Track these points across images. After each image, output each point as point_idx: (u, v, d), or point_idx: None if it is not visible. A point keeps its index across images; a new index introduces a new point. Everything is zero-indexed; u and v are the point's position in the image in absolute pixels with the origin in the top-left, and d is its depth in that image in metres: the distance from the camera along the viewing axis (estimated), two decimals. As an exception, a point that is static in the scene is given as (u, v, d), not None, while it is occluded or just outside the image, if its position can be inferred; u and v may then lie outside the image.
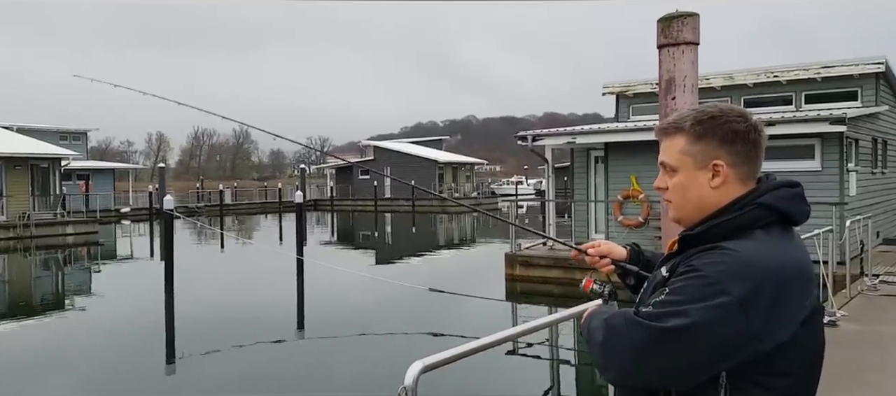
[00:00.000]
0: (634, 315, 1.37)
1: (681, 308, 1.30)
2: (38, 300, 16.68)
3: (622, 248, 1.88)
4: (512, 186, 67.26)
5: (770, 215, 1.41)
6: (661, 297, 1.36)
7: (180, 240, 20.29)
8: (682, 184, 1.49)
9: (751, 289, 1.29)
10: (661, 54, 4.12)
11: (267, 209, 51.42)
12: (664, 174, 1.54)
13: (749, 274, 1.30)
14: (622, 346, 1.37)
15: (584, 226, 16.76)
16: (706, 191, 1.46)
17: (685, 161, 1.48)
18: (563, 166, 28.99)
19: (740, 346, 1.30)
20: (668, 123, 1.53)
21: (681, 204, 1.51)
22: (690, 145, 1.47)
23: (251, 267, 20.40)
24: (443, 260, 23.50)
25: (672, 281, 1.38)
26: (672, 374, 1.34)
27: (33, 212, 28.93)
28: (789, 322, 1.33)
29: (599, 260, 1.87)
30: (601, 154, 16.52)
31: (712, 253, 1.35)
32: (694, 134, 1.46)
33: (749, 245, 1.36)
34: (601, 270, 1.90)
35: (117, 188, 46.92)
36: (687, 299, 1.30)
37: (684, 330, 1.29)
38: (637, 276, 1.81)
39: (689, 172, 1.47)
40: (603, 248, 1.88)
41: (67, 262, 23.90)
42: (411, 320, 12.48)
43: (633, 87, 19.00)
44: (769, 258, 1.34)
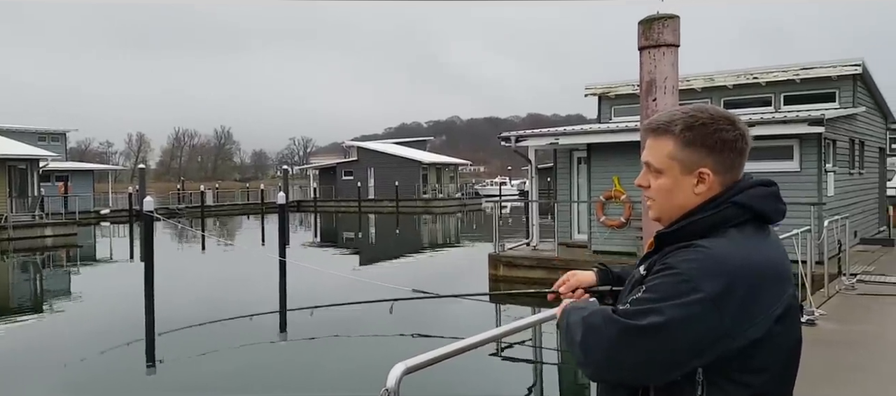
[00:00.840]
0: (612, 312, 1.39)
1: (655, 305, 1.32)
2: (15, 303, 16.42)
3: (591, 274, 1.85)
4: (496, 187, 67.47)
5: (744, 213, 1.43)
6: (637, 295, 1.38)
7: (161, 242, 20.07)
8: (667, 187, 1.49)
9: (723, 287, 1.31)
10: (643, 56, 4.15)
11: (249, 210, 51.05)
12: (647, 173, 1.54)
13: (722, 272, 1.32)
14: (599, 343, 1.38)
15: (567, 227, 16.84)
16: (690, 196, 1.47)
17: (672, 165, 1.48)
18: (546, 167, 29.11)
19: (712, 343, 1.31)
20: (657, 123, 1.52)
21: (664, 206, 1.52)
22: (679, 150, 1.47)
23: (233, 269, 20.23)
24: (427, 260, 23.48)
25: (648, 279, 1.40)
26: (646, 370, 1.35)
27: (11, 214, 28.49)
28: (762, 318, 1.35)
29: (573, 293, 1.85)
30: (584, 155, 16.61)
31: (686, 251, 1.38)
32: (683, 139, 1.46)
33: (722, 243, 1.38)
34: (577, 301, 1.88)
35: (97, 189, 46.30)
36: (661, 296, 1.33)
37: (659, 327, 1.31)
38: (613, 294, 1.80)
39: (674, 177, 1.48)
40: (572, 282, 1.85)
41: (46, 265, 23.56)
42: (394, 321, 12.43)
43: (615, 89, 19.12)
44: (742, 256, 1.35)
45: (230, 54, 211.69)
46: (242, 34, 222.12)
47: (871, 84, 17.75)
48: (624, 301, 1.44)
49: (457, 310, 13.09)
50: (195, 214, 44.27)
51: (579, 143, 16.50)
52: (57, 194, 37.74)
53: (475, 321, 11.85)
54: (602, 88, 19.46)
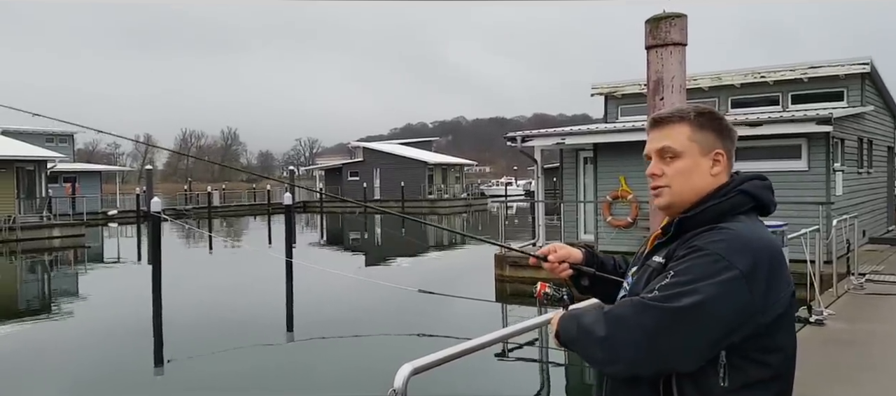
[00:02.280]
0: (641, 300, 1.39)
1: (690, 286, 1.35)
2: (24, 304, 16.51)
3: (578, 251, 1.89)
4: (501, 187, 67.44)
5: (749, 201, 1.52)
6: (666, 281, 1.39)
7: (168, 243, 20.15)
8: (688, 168, 1.54)
9: (752, 264, 1.37)
10: (650, 55, 4.13)
11: (256, 211, 51.17)
12: (659, 161, 1.57)
13: (749, 250, 1.38)
14: (632, 334, 1.37)
15: (574, 227, 16.80)
16: (707, 178, 1.54)
17: (691, 147, 1.55)
18: (552, 167, 29.06)
19: (747, 319, 1.36)
20: (668, 112, 1.60)
21: (681, 189, 1.55)
22: (695, 132, 1.55)
23: (240, 270, 20.29)
24: (432, 261, 23.48)
25: (675, 264, 1.42)
26: (685, 354, 1.36)
27: (19, 215, 28.64)
28: (783, 295, 1.42)
29: (559, 265, 1.86)
30: (590, 155, 16.57)
31: (712, 233, 1.43)
32: (698, 123, 1.56)
33: (740, 225, 1.46)
34: (559, 275, 1.89)
35: (104, 190, 46.49)
36: (696, 277, 1.36)
37: (698, 306, 1.33)
38: (592, 278, 1.84)
39: (694, 158, 1.54)
40: (561, 253, 1.86)
41: (54, 266, 23.68)
42: (401, 322, 12.45)
43: (622, 88, 19.08)
44: (761, 236, 1.45)
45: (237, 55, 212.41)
46: (249, 35, 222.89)
47: (880, 83, 17.65)
48: (649, 289, 1.42)
49: (462, 310, 13.08)
50: (202, 215, 44.42)
51: (586, 143, 16.46)
52: (64, 195, 37.93)
53: (481, 321, 11.84)
54: (608, 88, 19.41)
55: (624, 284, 1.71)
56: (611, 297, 1.82)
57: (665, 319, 1.34)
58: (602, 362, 1.44)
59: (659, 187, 1.58)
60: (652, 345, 1.35)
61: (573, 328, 1.50)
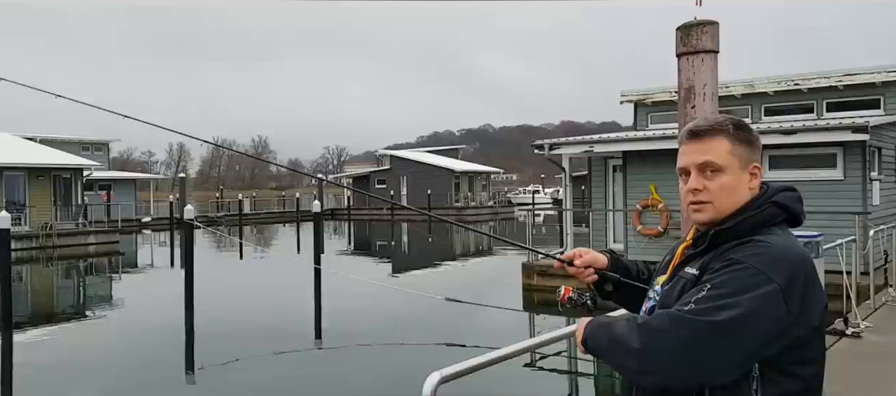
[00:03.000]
0: (678, 312, 1.38)
1: (730, 300, 1.34)
2: (59, 309, 16.90)
3: (603, 257, 1.90)
4: (529, 195, 67.17)
5: (782, 213, 1.53)
6: (702, 293, 1.38)
7: (200, 250, 20.48)
8: (731, 185, 1.53)
9: (789, 277, 1.37)
10: (681, 62, 4.10)
11: (285, 218, 51.74)
12: (700, 176, 1.54)
13: (786, 264, 1.39)
14: (670, 346, 1.36)
15: (602, 236, 16.65)
16: (745, 192, 1.54)
17: (733, 162, 1.53)
18: (580, 175, 28.85)
19: (781, 333, 1.36)
20: (706, 125, 1.57)
21: (725, 205, 1.53)
22: (736, 147, 1.53)
23: (269, 276, 20.51)
24: (459, 269, 23.46)
25: (711, 276, 1.41)
26: (723, 367, 1.35)
27: (55, 222, 29.34)
28: (818, 307, 1.42)
29: (584, 270, 1.87)
30: (619, 163, 16.42)
31: (748, 246, 1.43)
32: (737, 137, 1.54)
33: (776, 238, 1.46)
34: (584, 280, 1.90)
35: (138, 198, 47.46)
36: (734, 291, 1.35)
37: (736, 320, 1.32)
38: (616, 284, 1.86)
39: (736, 173, 1.53)
40: (587, 258, 1.88)
41: (89, 272, 24.20)
42: (428, 330, 12.46)
43: (652, 96, 18.89)
44: (797, 249, 1.45)
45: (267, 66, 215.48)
46: (278, 46, 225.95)
47: (918, 89, 17.21)
48: (684, 301, 1.40)
49: (490, 319, 13.04)
50: (233, 222, 45.06)
51: (615, 151, 16.32)
52: (100, 202, 38.82)
53: (508, 330, 11.79)
54: (638, 95, 19.24)
55: (649, 293, 1.69)
56: (634, 303, 1.83)
57: (703, 332, 1.33)
58: (636, 373, 1.43)
59: (701, 203, 1.55)
60: (688, 358, 1.34)
61: (603, 336, 1.49)
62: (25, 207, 28.91)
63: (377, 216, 51.79)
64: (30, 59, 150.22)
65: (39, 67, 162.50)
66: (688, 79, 4.00)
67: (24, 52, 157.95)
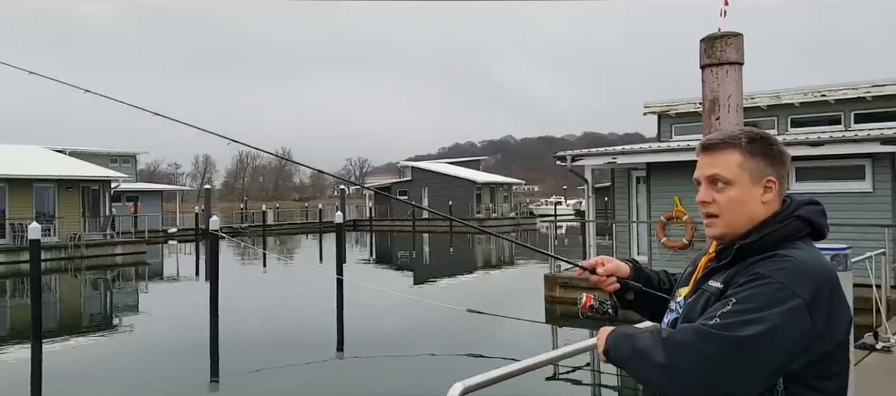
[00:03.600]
0: (704, 327, 1.37)
1: (755, 315, 1.33)
2: (87, 318, 17.18)
3: (626, 265, 1.90)
4: (551, 206, 66.88)
5: (806, 227, 1.52)
6: (727, 308, 1.37)
7: (225, 260, 20.72)
8: (740, 198, 1.53)
9: (814, 292, 1.36)
10: (705, 74, 4.08)
11: (308, 229, 52.10)
12: (709, 188, 1.56)
13: (811, 278, 1.38)
14: (694, 361, 1.35)
15: (626, 248, 16.53)
16: (758, 206, 1.53)
17: (742, 175, 1.53)
18: (603, 186, 28.65)
19: (807, 347, 1.36)
20: (719, 138, 1.58)
21: (734, 218, 1.54)
22: (746, 160, 1.53)
23: (292, 287, 20.66)
24: (481, 280, 23.41)
25: (736, 291, 1.41)
26: (748, 382, 1.35)
27: (84, 233, 29.84)
28: (843, 321, 1.42)
29: (606, 278, 1.88)
30: (643, 174, 16.31)
31: (773, 261, 1.42)
32: (749, 150, 1.53)
33: (800, 252, 1.45)
34: (606, 288, 1.91)
35: (165, 209, 48.13)
36: (759, 306, 1.34)
37: (762, 335, 1.32)
38: (637, 293, 1.86)
39: (745, 187, 1.53)
40: (609, 266, 1.89)
41: (116, 282, 24.57)
42: (450, 341, 12.44)
43: (676, 107, 18.75)
44: (821, 263, 1.45)
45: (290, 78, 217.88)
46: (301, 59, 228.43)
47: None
48: (709, 315, 1.40)
49: (512, 331, 12.99)
50: (257, 233, 45.50)
51: (638, 162, 16.21)
52: (127, 214, 39.44)
53: (531, 342, 11.74)
54: (661, 106, 19.12)
55: (671, 304, 1.69)
56: (655, 313, 1.84)
57: (728, 347, 1.33)
58: (659, 386, 1.43)
59: (710, 216, 1.57)
60: (713, 373, 1.34)
61: (626, 348, 1.49)
62: (55, 218, 29.46)
63: (399, 227, 51.94)
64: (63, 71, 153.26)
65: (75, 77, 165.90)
66: (712, 90, 3.98)
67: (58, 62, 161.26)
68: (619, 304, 1.91)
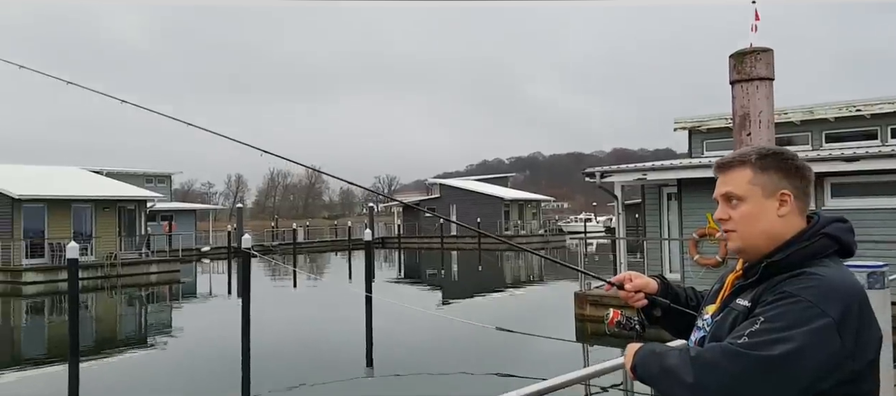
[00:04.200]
0: (731, 346, 1.37)
1: (783, 334, 1.32)
2: (122, 336, 17.50)
3: (653, 281, 1.90)
4: (580, 223, 66.35)
5: (833, 245, 1.51)
6: (755, 327, 1.37)
7: (256, 278, 20.96)
8: (752, 213, 1.54)
9: (843, 310, 1.35)
10: (735, 90, 4.04)
11: (337, 247, 52.47)
12: (725, 206, 1.60)
13: (840, 296, 1.37)
14: (722, 381, 1.35)
15: (658, 265, 16.30)
16: (774, 219, 1.53)
17: (754, 191, 1.55)
18: (633, 203, 28.35)
19: (836, 367, 1.34)
20: (729, 157, 1.62)
21: (749, 233, 1.55)
22: (757, 175, 1.55)
23: (322, 304, 20.79)
24: (510, 298, 23.28)
25: (763, 309, 1.40)
26: None
27: (120, 252, 30.46)
28: (874, 341, 1.40)
29: (634, 294, 1.89)
30: (674, 190, 16.12)
31: (801, 278, 1.41)
32: (759, 166, 1.55)
33: (828, 270, 1.44)
34: (634, 304, 1.91)
35: (198, 228, 48.92)
36: (788, 324, 1.33)
37: (791, 355, 1.31)
38: (665, 309, 1.85)
39: (757, 202, 1.54)
40: (637, 282, 1.89)
41: (150, 300, 25.01)
42: (479, 359, 12.38)
43: (707, 122, 18.54)
44: (850, 281, 1.43)
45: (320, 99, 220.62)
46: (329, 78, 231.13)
47: None
48: (737, 334, 1.39)
49: (542, 350, 12.88)
50: (288, 251, 45.96)
51: (669, 179, 16.04)
52: (162, 233, 40.19)
53: (561, 361, 11.62)
54: (692, 122, 18.92)
55: (698, 322, 1.69)
56: (682, 330, 1.84)
57: (756, 367, 1.32)
58: None
59: (728, 232, 1.60)
60: (741, 393, 1.33)
61: (654, 366, 1.49)
62: (92, 238, 30.14)
63: (427, 244, 52.01)
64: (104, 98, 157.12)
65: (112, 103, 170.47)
66: (742, 106, 3.94)
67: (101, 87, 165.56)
68: (646, 321, 1.91)
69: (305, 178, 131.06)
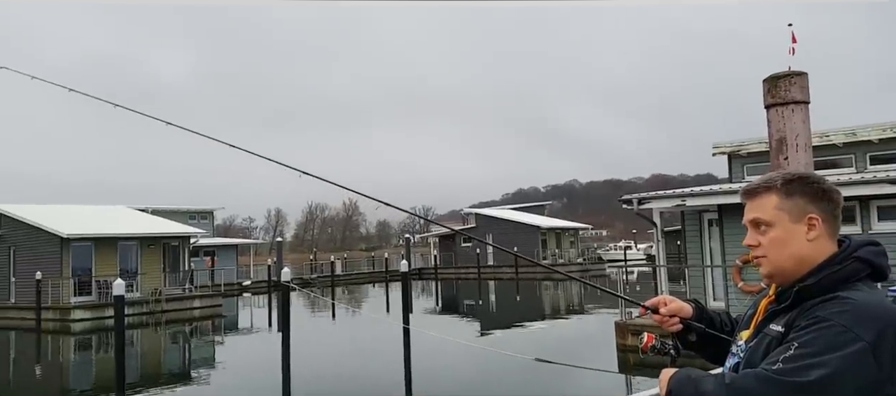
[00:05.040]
0: (765, 372, 1.37)
1: (818, 359, 1.32)
2: (167, 371, 17.79)
3: (688, 306, 1.90)
4: (620, 251, 65.38)
5: (866, 268, 1.50)
6: (789, 353, 1.37)
7: (296, 311, 21.13)
8: (781, 238, 1.55)
9: (877, 334, 1.33)
10: (770, 114, 3.99)
11: (374, 278, 52.68)
12: (754, 232, 1.61)
13: (874, 320, 1.36)
14: None
15: (701, 293, 15.94)
16: (803, 244, 1.53)
17: (781, 216, 1.55)
18: (673, 230, 27.87)
19: (872, 392, 1.32)
20: (755, 183, 1.63)
21: (778, 258, 1.56)
22: (784, 201, 1.55)
23: (361, 336, 20.83)
24: (549, 328, 22.98)
25: (797, 335, 1.40)
26: None
27: (164, 288, 31.10)
28: None
29: (669, 319, 1.88)
30: (715, 216, 15.83)
31: (834, 303, 1.41)
32: (785, 191, 1.56)
33: (861, 294, 1.43)
34: (669, 329, 1.90)
35: (239, 262, 49.74)
36: (821, 349, 1.33)
37: (826, 380, 1.30)
38: (700, 334, 1.85)
39: (785, 226, 1.54)
40: (672, 307, 1.89)
41: (194, 335, 25.41)
42: (518, 391, 12.22)
43: (747, 147, 18.22)
44: (884, 305, 1.41)
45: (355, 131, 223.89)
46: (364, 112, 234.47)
47: None
48: (771, 360, 1.39)
49: (582, 381, 12.65)
50: (326, 283, 46.32)
51: (709, 205, 15.76)
52: (205, 268, 40.96)
53: (602, 393, 11.39)
54: (731, 146, 18.62)
55: (733, 348, 1.69)
56: (717, 355, 1.83)
57: (791, 393, 1.32)
58: None
59: (758, 258, 1.60)
60: None
61: (690, 392, 1.49)
62: (137, 274, 30.87)
63: (464, 274, 51.84)
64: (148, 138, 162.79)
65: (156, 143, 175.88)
66: (778, 130, 3.88)
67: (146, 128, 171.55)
68: (681, 345, 1.90)
69: (342, 211, 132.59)
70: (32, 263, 29.09)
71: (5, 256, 31.25)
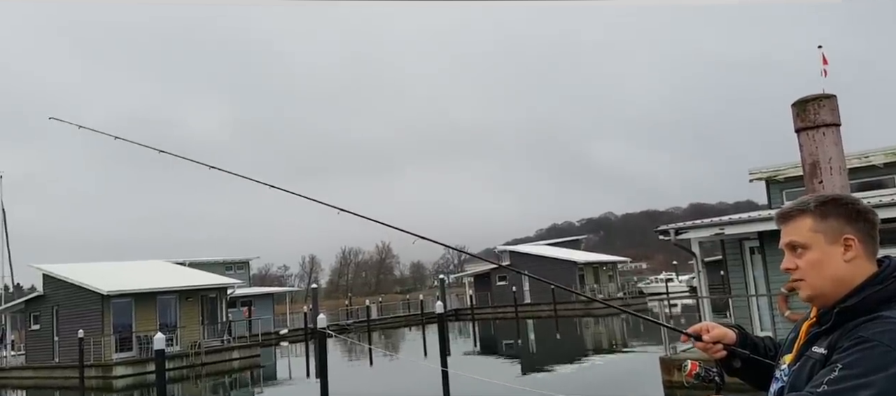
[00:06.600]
0: (811, 395, 1.35)
1: (863, 380, 1.30)
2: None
3: (732, 332, 1.87)
4: (661, 284, 64.02)
5: None
6: (834, 374, 1.34)
7: (333, 358, 21.04)
8: (818, 260, 1.53)
9: None
10: (801, 138, 3.87)
11: (410, 322, 52.41)
12: (791, 255, 1.59)
13: None
14: None
15: (747, 323, 15.41)
16: (840, 265, 1.51)
17: (816, 238, 1.54)
18: (715, 259, 27.19)
19: None
20: (789, 207, 1.63)
21: (817, 281, 1.53)
22: (818, 223, 1.55)
23: (399, 381, 20.60)
24: (592, 366, 22.44)
25: (840, 356, 1.37)
26: None
27: (203, 340, 31.34)
28: None
29: (713, 346, 1.85)
30: (756, 244, 15.38)
31: (875, 323, 1.38)
32: (819, 213, 1.56)
33: None
34: (713, 356, 1.87)
35: (276, 311, 50.07)
36: (866, 370, 1.31)
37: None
38: (745, 360, 1.82)
39: (822, 248, 1.53)
40: (715, 333, 1.86)
41: (233, 386, 25.47)
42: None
43: (784, 171, 17.79)
44: None
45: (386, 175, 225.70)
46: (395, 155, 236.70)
47: None
48: (816, 382, 1.37)
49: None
50: (362, 328, 46.24)
51: (749, 232, 15.33)
52: (242, 318, 41.29)
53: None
54: (768, 172, 18.20)
55: (776, 372, 1.66)
56: (761, 380, 1.81)
57: None
58: None
59: (796, 281, 1.58)
60: None
61: None
62: (177, 328, 31.21)
63: (501, 314, 51.24)
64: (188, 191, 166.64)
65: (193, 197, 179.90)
66: (811, 153, 3.75)
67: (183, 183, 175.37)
68: (725, 372, 1.88)
69: (375, 254, 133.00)
70: (75, 321, 29.67)
71: (49, 316, 31.96)
